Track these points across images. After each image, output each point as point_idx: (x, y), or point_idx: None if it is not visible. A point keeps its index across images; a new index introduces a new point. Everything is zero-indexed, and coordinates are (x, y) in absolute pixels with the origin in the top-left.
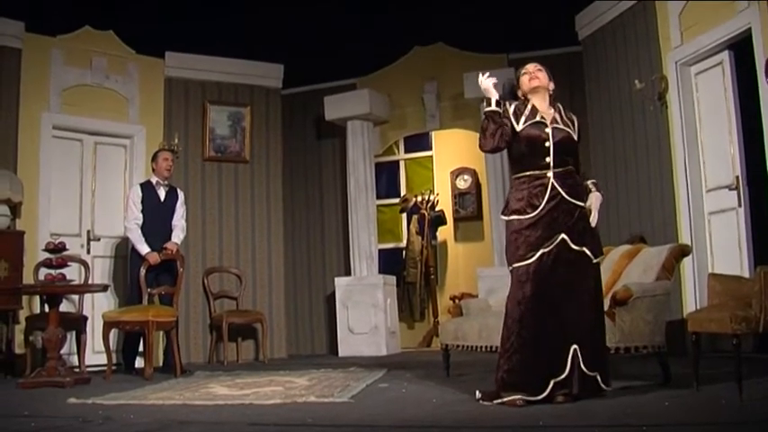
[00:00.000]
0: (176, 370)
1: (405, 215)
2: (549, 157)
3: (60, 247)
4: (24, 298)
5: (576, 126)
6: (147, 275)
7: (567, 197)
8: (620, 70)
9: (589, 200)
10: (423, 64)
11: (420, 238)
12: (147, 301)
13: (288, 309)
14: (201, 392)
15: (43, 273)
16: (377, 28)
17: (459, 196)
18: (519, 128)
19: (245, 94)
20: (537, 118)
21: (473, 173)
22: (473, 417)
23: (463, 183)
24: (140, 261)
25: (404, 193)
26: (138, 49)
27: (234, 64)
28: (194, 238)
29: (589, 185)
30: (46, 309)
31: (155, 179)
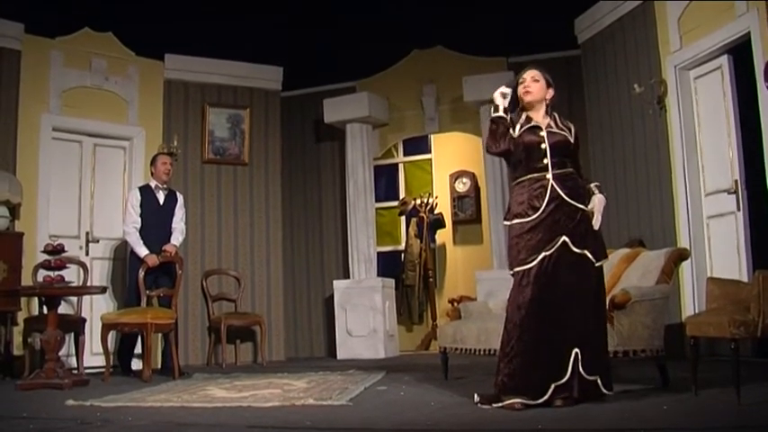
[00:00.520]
0: (174, 372)
1: (403, 218)
2: (547, 158)
3: (59, 249)
4: (23, 300)
5: (573, 132)
6: (145, 277)
7: (568, 199)
8: (620, 74)
9: (592, 202)
10: (422, 67)
11: (419, 240)
12: (146, 303)
13: (286, 311)
14: (200, 395)
15: (42, 274)
16: (376, 31)
17: (457, 199)
18: (515, 135)
19: (244, 96)
20: (532, 124)
21: (472, 176)
22: (471, 420)
23: (462, 186)
24: (139, 263)
25: (403, 195)
26: (138, 51)
27: (233, 66)
28: (193, 240)
29: (592, 188)
30: (44, 310)
31: (153, 183)
